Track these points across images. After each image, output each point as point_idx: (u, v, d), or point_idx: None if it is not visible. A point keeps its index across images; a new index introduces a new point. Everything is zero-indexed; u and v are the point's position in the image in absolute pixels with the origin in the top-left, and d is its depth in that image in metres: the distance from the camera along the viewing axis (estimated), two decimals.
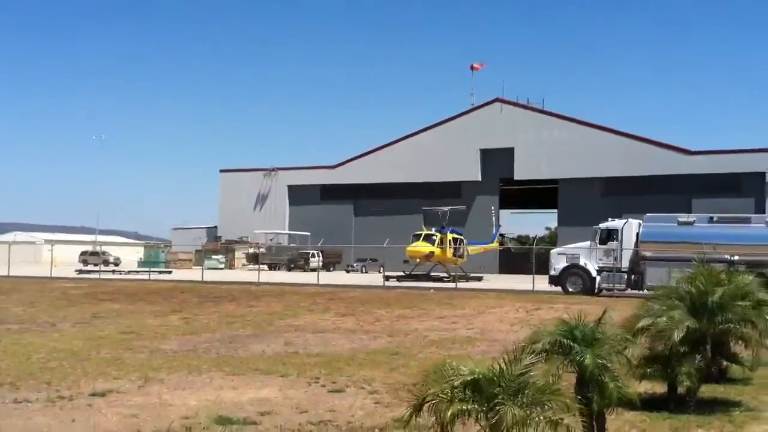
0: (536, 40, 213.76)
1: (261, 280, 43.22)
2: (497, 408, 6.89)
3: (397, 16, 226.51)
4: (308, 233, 72.39)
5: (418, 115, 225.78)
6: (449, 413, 6.74)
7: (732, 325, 11.85)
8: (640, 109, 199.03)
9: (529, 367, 7.27)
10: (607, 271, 36.48)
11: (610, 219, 38.96)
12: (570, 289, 36.71)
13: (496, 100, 72.59)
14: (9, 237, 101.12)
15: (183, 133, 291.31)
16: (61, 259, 70.04)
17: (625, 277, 36.12)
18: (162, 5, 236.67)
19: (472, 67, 75.91)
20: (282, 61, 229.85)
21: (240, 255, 75.69)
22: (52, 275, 47.53)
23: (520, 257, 63.17)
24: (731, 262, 30.33)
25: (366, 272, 64.24)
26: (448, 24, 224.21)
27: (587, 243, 37.93)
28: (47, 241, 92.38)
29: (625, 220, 37.79)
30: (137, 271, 58.80)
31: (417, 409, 7.22)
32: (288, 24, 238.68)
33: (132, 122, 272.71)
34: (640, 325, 11.27)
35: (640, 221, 37.09)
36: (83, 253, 79.96)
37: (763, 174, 61.73)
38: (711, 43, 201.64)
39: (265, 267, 63.37)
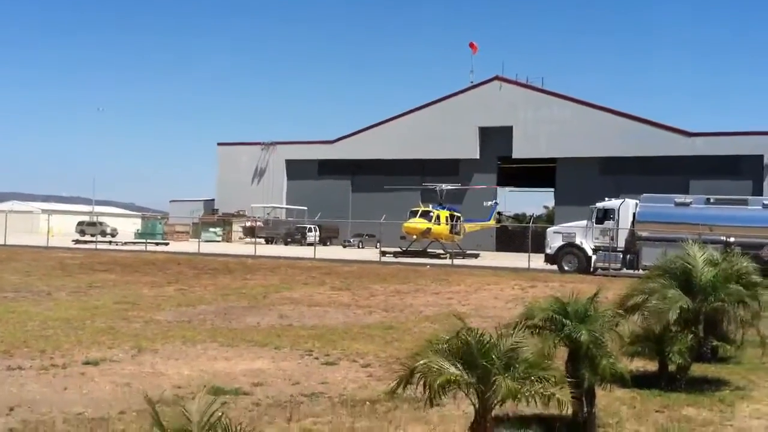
0: (536, 19, 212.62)
1: (257, 254, 43.27)
2: (490, 379, 6.93)
3: None
4: (305, 208, 72.41)
5: (417, 92, 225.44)
6: (437, 383, 6.77)
7: (725, 305, 11.88)
8: (640, 90, 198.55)
9: (520, 341, 7.29)
10: (603, 251, 36.58)
11: (607, 198, 38.96)
12: (566, 268, 36.80)
13: (496, 78, 72.33)
14: (6, 206, 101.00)
15: (181, 105, 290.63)
16: (58, 229, 70.08)
17: (621, 256, 36.22)
18: None
19: (470, 45, 75.59)
20: (281, 36, 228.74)
21: (237, 228, 75.70)
22: (49, 245, 47.52)
23: (517, 235, 63.22)
24: (727, 244, 30.40)
25: (362, 247, 64.32)
26: (449, 1, 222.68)
27: (584, 222, 37.97)
28: (44, 211, 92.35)
29: (621, 200, 37.81)
30: (134, 242, 58.82)
31: (406, 380, 7.23)
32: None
33: (130, 94, 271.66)
34: (632, 302, 11.30)
35: (637, 201, 37.14)
36: (80, 224, 79.87)
37: (761, 156, 61.75)
38: (712, 25, 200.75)
39: (262, 240, 63.43)
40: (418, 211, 51.74)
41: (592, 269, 36.45)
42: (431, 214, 51.15)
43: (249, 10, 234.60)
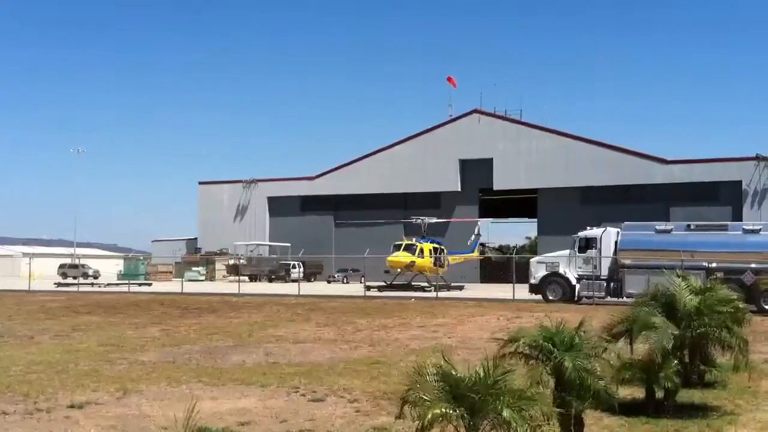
0: (513, 51, 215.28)
1: (241, 292, 43.08)
2: (478, 411, 6.92)
3: (375, 29, 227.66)
4: (288, 244, 72.24)
5: (397, 127, 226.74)
6: (429, 416, 6.76)
7: (710, 330, 11.96)
8: (618, 119, 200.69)
9: (506, 372, 7.29)
10: (586, 279, 36.69)
11: (588, 227, 39.20)
12: (550, 297, 36.91)
13: (474, 111, 72.91)
14: None
15: (161, 144, 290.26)
16: (40, 272, 69.42)
17: (605, 284, 36.35)
18: (139, 16, 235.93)
19: (448, 79, 76.27)
20: (260, 74, 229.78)
21: (220, 266, 75.35)
22: (31, 288, 47.10)
23: (501, 266, 63.35)
24: (709, 269, 30.67)
25: (347, 282, 64.17)
26: (426, 36, 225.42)
27: (566, 251, 38.14)
28: (25, 254, 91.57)
29: (603, 229, 38.04)
30: (117, 284, 58.37)
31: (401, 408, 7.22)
32: (266, 36, 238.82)
33: (109, 134, 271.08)
34: (617, 329, 11.36)
35: (619, 229, 37.37)
36: (62, 266, 79.17)
37: (739, 182, 62.36)
38: (687, 52, 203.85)
39: (246, 278, 63.17)
40: (402, 244, 51.83)
41: (576, 298, 36.56)
42: (415, 247, 51.25)
43: (227, 48, 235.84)
